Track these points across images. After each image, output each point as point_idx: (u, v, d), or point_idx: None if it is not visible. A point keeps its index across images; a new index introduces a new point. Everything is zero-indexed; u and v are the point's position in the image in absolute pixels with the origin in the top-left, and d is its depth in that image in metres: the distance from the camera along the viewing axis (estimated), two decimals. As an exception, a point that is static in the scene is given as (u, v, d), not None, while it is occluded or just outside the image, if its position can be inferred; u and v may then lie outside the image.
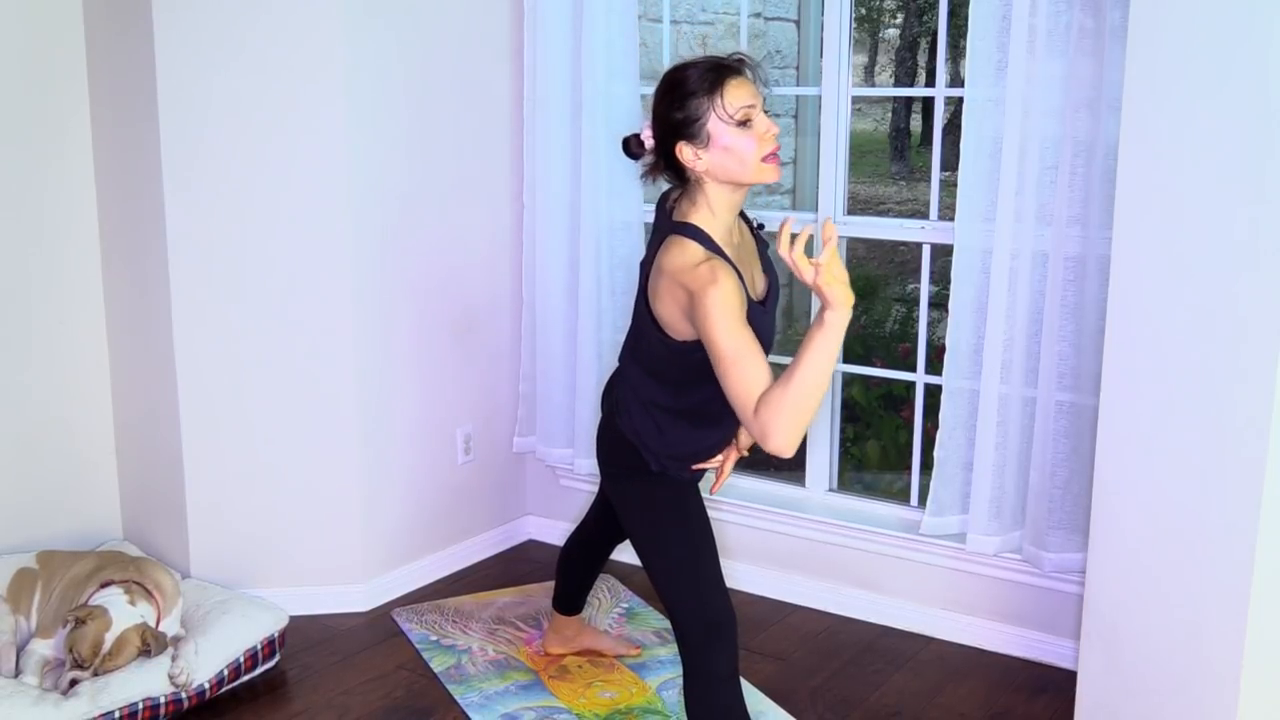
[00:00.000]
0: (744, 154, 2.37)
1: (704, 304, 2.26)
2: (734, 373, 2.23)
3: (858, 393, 5.51)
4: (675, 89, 2.39)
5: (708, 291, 2.26)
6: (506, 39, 3.87)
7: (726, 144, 2.36)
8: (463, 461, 3.93)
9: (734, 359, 2.23)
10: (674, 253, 2.37)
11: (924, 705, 3.11)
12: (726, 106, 2.35)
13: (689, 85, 2.37)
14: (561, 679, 3.21)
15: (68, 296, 3.52)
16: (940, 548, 3.41)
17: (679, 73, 2.41)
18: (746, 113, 2.36)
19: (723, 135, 2.35)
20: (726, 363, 2.23)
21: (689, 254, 2.35)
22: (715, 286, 2.26)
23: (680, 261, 2.34)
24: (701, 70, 2.38)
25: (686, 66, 2.41)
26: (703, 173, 2.39)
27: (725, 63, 2.41)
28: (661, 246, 2.41)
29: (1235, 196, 2.22)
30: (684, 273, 2.32)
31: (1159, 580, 2.43)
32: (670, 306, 2.37)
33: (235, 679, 3.12)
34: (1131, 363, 2.44)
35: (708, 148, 2.37)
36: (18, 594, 3.12)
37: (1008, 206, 3.10)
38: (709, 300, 2.25)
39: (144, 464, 3.62)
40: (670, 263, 2.36)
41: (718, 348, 2.24)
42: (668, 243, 2.40)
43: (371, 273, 3.53)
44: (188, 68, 3.30)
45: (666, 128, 2.40)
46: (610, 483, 2.70)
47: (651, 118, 2.45)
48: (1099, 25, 2.91)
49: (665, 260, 2.37)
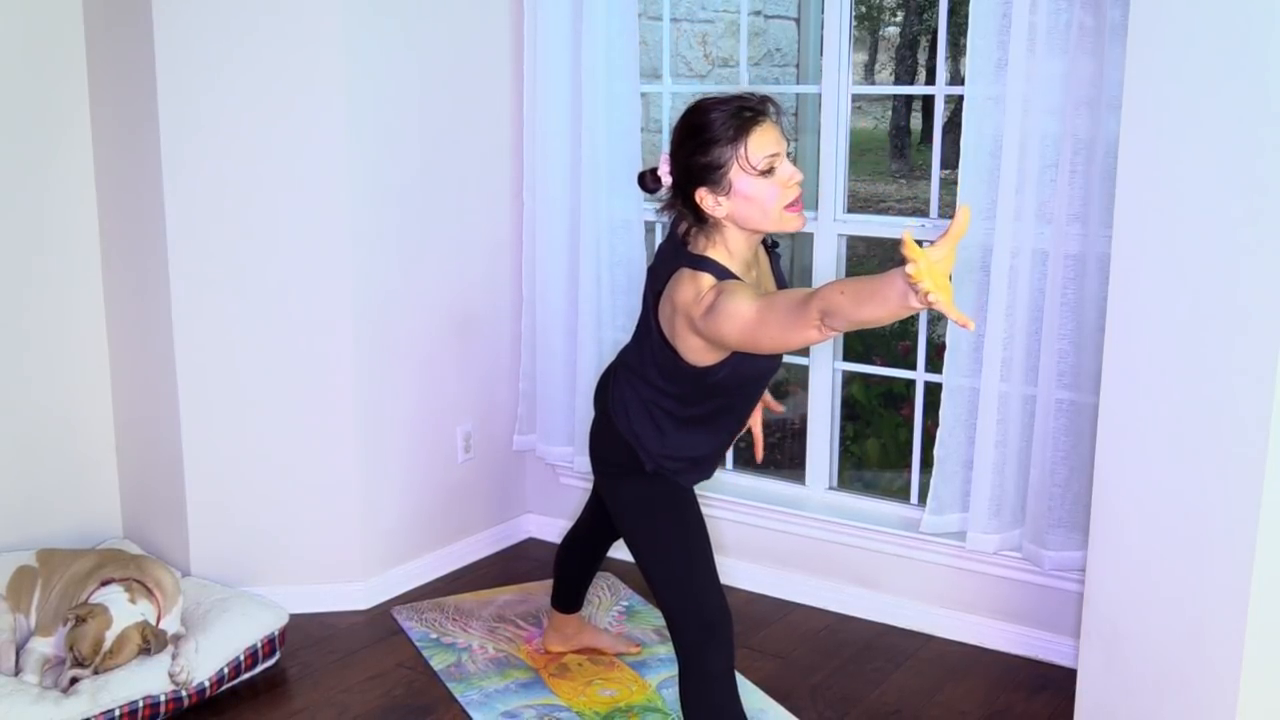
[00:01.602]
0: (766, 203, 2.30)
1: (716, 312, 2.23)
2: (770, 320, 2.14)
3: (858, 391, 5.51)
4: (698, 134, 2.31)
5: (716, 302, 2.23)
6: (506, 37, 3.87)
7: (748, 193, 2.29)
8: (463, 460, 3.93)
9: (760, 318, 2.15)
10: (686, 287, 2.32)
11: (924, 703, 3.11)
12: (750, 156, 2.28)
13: (712, 131, 2.29)
14: (562, 677, 3.21)
15: (68, 296, 3.52)
16: (940, 546, 3.41)
17: (701, 116, 2.32)
18: (770, 161, 2.29)
19: (745, 184, 2.29)
20: (755, 325, 2.16)
21: (700, 285, 2.30)
22: (724, 294, 2.23)
23: (693, 294, 2.30)
24: (725, 115, 2.30)
25: (709, 109, 2.32)
26: (723, 219, 2.34)
27: (750, 106, 2.32)
28: (674, 279, 2.36)
29: (1235, 194, 2.21)
30: (695, 304, 2.28)
31: (1159, 578, 2.43)
32: (690, 340, 2.33)
33: (235, 677, 3.12)
34: (1131, 361, 2.44)
35: (729, 195, 2.30)
36: (18, 592, 3.12)
37: (1008, 204, 3.10)
38: (721, 307, 2.22)
39: (144, 462, 3.62)
40: (683, 296, 2.31)
41: (742, 326, 2.18)
42: (681, 276, 2.34)
43: (371, 271, 3.53)
44: (188, 67, 3.30)
45: (687, 173, 2.32)
46: (604, 481, 2.70)
47: (670, 156, 2.38)
48: (1099, 23, 2.91)
49: (679, 295, 2.32)
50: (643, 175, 2.47)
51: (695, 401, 2.49)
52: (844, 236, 3.59)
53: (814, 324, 2.08)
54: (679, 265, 2.37)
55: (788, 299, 2.15)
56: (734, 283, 2.30)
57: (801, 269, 4.19)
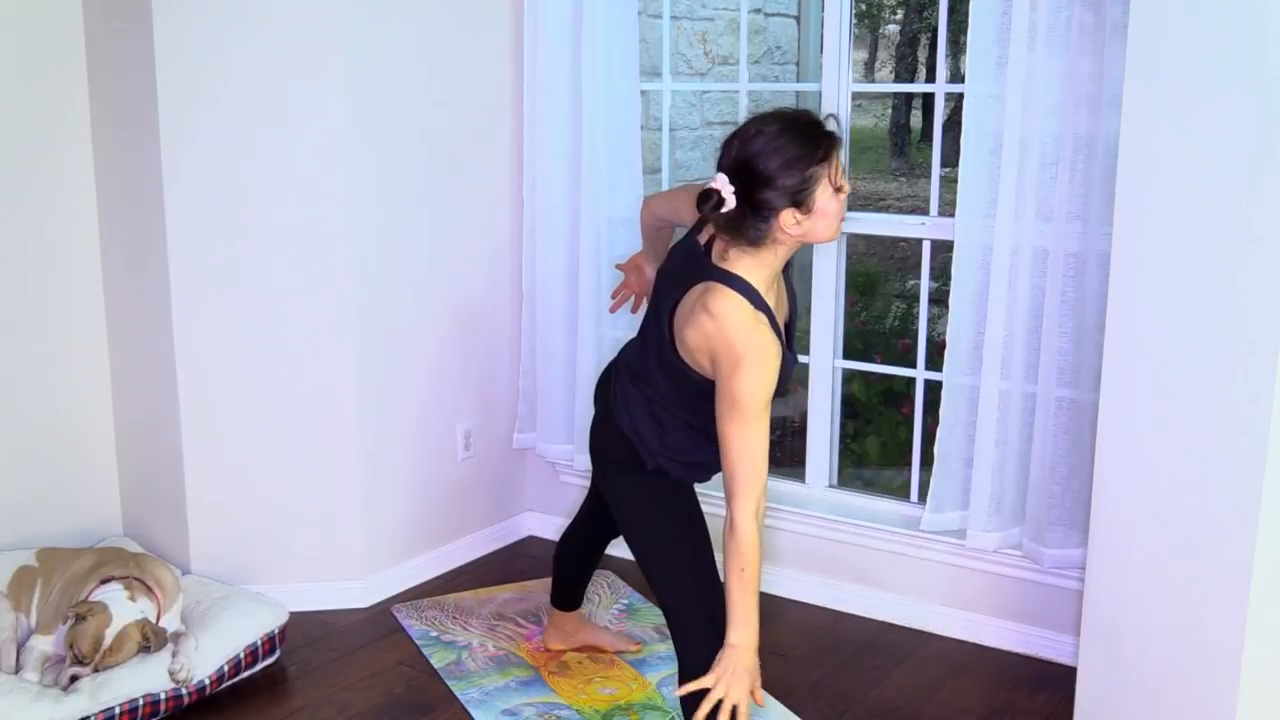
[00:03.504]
0: (834, 217, 2.35)
1: (737, 382, 2.28)
2: (740, 466, 2.32)
3: (858, 388, 5.51)
4: (789, 153, 2.29)
5: (749, 371, 2.28)
6: (507, 35, 3.87)
7: (826, 209, 2.33)
8: (463, 458, 3.93)
9: (740, 454, 2.32)
10: (720, 305, 2.31)
11: (924, 701, 3.11)
12: (835, 175, 2.32)
13: (804, 150, 2.30)
14: (562, 675, 3.22)
15: (67, 295, 3.52)
16: (940, 543, 3.41)
17: (789, 137, 2.30)
18: (842, 176, 2.35)
19: (825, 201, 2.32)
20: (734, 452, 2.31)
21: (738, 313, 2.31)
22: (758, 369, 2.28)
23: (729, 320, 2.30)
24: (816, 135, 2.31)
25: (797, 130, 2.31)
26: (795, 235, 2.34)
27: (821, 124, 2.35)
28: (704, 289, 2.35)
29: (1235, 192, 2.21)
30: (730, 338, 2.30)
31: (1159, 576, 2.43)
32: (700, 351, 2.36)
33: (235, 675, 3.12)
34: (1131, 359, 2.44)
35: (810, 214, 2.32)
36: (18, 590, 3.12)
37: (1008, 202, 3.09)
38: (745, 381, 2.28)
39: (144, 460, 3.62)
40: (720, 314, 2.31)
41: (731, 435, 2.31)
42: (712, 290, 2.34)
43: (371, 269, 3.52)
44: (188, 66, 3.30)
45: (776, 193, 2.29)
46: (604, 478, 2.70)
47: (742, 177, 2.31)
48: (1099, 21, 2.91)
49: (714, 306, 2.31)
50: (707, 194, 2.35)
51: (700, 410, 2.49)
52: (844, 234, 3.59)
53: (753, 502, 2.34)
54: (706, 277, 2.36)
55: (757, 477, 2.35)
56: (772, 370, 2.33)
57: (803, 267, 4.19)
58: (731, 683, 2.35)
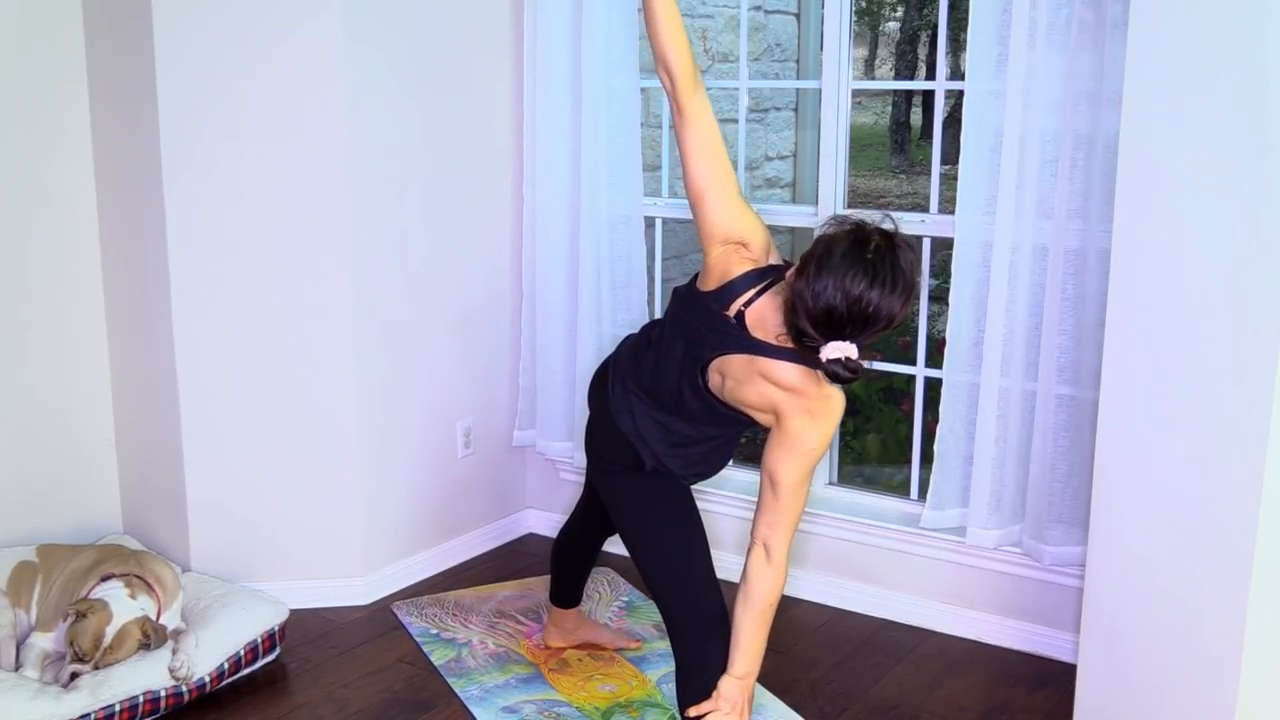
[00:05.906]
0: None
1: (812, 435, 2.38)
2: (794, 506, 2.42)
3: (857, 386, 5.48)
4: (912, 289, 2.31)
5: (824, 428, 2.39)
6: (507, 31, 3.87)
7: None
8: (463, 455, 3.93)
9: (795, 495, 2.41)
10: (792, 379, 2.36)
11: (924, 698, 3.11)
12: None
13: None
14: (562, 672, 3.22)
15: (68, 294, 3.52)
16: (940, 541, 3.41)
17: (914, 276, 2.30)
18: None
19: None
20: (790, 492, 2.40)
21: (806, 382, 2.37)
22: (830, 424, 2.40)
23: (805, 390, 2.37)
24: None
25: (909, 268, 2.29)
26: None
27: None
28: (765, 365, 2.37)
29: (1236, 190, 2.21)
30: (810, 406, 2.37)
31: (1159, 573, 2.43)
32: (760, 410, 2.42)
33: (235, 672, 3.12)
34: (1132, 356, 2.44)
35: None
36: (18, 588, 3.12)
37: (1008, 200, 3.09)
38: (820, 436, 2.38)
39: (144, 458, 3.62)
40: (791, 385, 2.37)
41: (792, 477, 2.39)
42: (781, 367, 2.36)
43: (371, 267, 3.52)
44: (188, 66, 3.30)
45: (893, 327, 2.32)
46: (600, 479, 2.70)
47: (883, 325, 2.28)
48: (1099, 18, 2.91)
49: (783, 379, 2.36)
50: (855, 369, 2.29)
51: (720, 425, 2.55)
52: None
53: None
54: (752, 351, 2.39)
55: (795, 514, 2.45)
56: (838, 420, 2.44)
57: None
58: (746, 715, 2.46)
